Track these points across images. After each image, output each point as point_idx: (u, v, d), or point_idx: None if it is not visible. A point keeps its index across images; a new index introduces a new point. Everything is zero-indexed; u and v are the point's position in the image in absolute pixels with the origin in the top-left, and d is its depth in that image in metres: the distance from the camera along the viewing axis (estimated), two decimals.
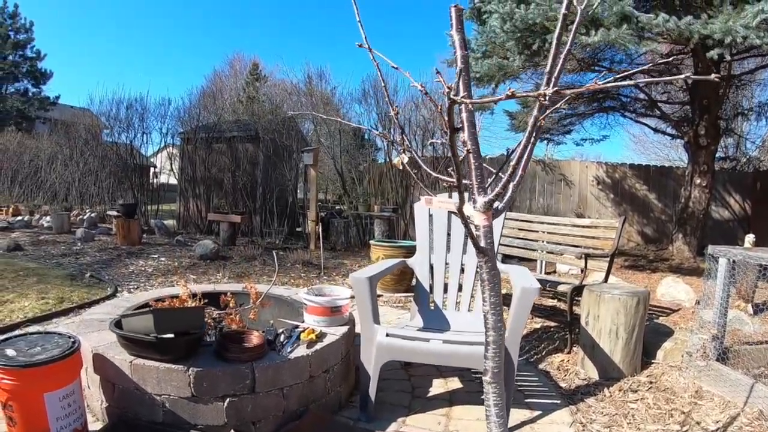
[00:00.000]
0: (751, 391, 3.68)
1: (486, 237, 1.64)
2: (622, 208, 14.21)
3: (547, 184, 14.28)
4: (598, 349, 4.28)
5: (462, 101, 1.23)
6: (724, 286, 4.17)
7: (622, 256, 11.31)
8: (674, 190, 13.41)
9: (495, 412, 1.74)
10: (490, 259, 1.64)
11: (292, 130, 14.21)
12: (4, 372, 2.55)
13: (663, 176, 14.53)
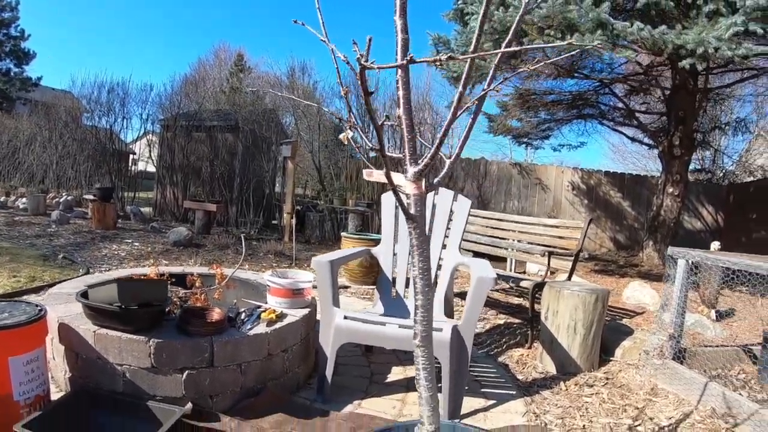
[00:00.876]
0: (705, 390, 3.79)
1: (416, 205, 1.70)
2: (595, 214, 14.41)
3: (523, 188, 14.44)
4: (557, 343, 4.37)
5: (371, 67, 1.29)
6: (682, 287, 4.28)
7: (593, 260, 11.46)
8: (648, 199, 13.62)
9: (424, 375, 1.80)
10: (418, 226, 1.70)
11: (272, 122, 14.30)
12: None
13: (637, 184, 14.77)
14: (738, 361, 4.66)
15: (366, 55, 1.32)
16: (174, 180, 13.89)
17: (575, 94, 12.27)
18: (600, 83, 11.78)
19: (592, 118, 13.44)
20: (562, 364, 4.37)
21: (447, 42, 9.17)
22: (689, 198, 14.64)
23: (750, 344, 4.83)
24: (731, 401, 3.55)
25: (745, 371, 4.44)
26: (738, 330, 5.88)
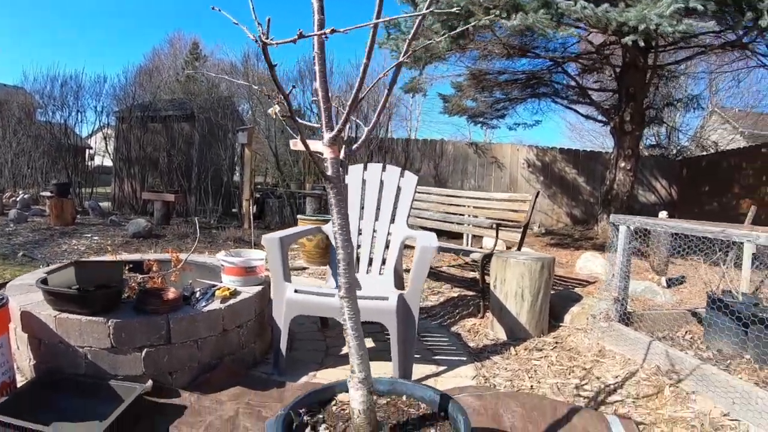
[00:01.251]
0: (649, 349, 3.98)
1: (332, 167, 1.82)
2: (551, 190, 14.70)
3: (479, 167, 14.66)
4: (506, 311, 4.54)
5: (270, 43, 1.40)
6: (624, 252, 4.47)
7: (549, 235, 11.72)
8: (602, 174, 13.89)
9: (350, 326, 1.93)
10: (335, 186, 1.83)
11: (228, 109, 14.26)
12: None
13: (591, 160, 15.09)
14: (685, 323, 4.85)
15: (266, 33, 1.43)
16: (132, 172, 13.82)
17: (529, 73, 12.44)
18: (553, 62, 11.97)
19: (546, 97, 13.66)
20: (511, 331, 4.54)
21: (398, 24, 9.24)
22: (643, 173, 15.01)
23: (697, 308, 5.02)
24: (674, 359, 3.74)
25: (691, 332, 4.62)
26: (688, 295, 6.10)
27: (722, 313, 4.04)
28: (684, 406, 3.24)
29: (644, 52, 9.63)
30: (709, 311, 4.27)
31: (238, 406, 2.90)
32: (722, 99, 21.79)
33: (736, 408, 3.07)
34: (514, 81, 12.75)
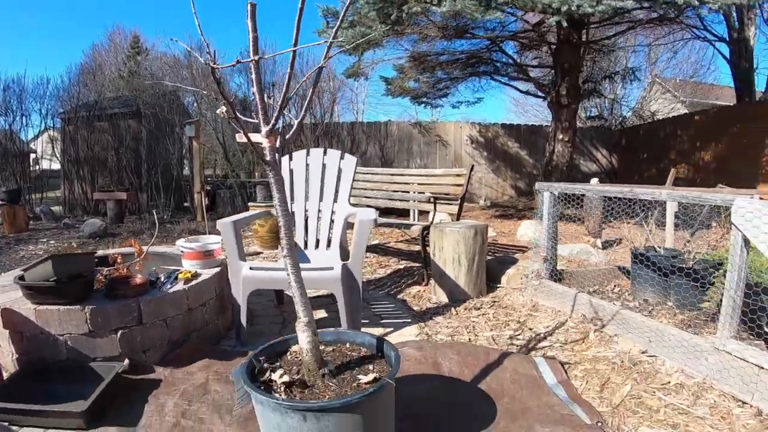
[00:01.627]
0: (576, 301, 4.40)
1: (270, 153, 2.13)
2: (495, 164, 15.21)
3: (424, 145, 15.07)
4: (445, 276, 4.91)
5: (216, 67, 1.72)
6: (549, 215, 4.86)
7: (494, 207, 12.17)
8: (543, 147, 14.37)
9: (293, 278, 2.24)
10: (273, 168, 2.13)
11: (174, 103, 14.26)
12: None
13: (533, 134, 15.61)
14: (614, 278, 5.29)
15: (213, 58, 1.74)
16: (81, 174, 13.66)
17: (468, 53, 12.71)
18: (491, 42, 12.30)
19: (486, 75, 13.89)
20: (452, 293, 4.92)
21: (335, 13, 9.49)
22: (584, 143, 15.59)
23: (626, 265, 5.45)
24: (598, 307, 4.16)
25: (620, 285, 5.05)
26: (621, 255, 6.52)
27: (645, 266, 4.46)
28: (607, 347, 3.66)
29: (577, 29, 10.05)
30: (634, 265, 4.70)
31: (207, 374, 3.19)
32: (662, 70, 22.48)
33: (652, 345, 3.50)
34: (454, 61, 12.98)
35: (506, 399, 2.82)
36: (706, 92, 24.29)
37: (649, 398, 2.88)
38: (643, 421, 2.66)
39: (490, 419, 2.61)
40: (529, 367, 3.21)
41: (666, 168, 13.53)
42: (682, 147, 13.88)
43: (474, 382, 3.04)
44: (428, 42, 11.89)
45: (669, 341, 3.37)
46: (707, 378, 3.02)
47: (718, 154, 12.59)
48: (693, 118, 14.07)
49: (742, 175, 10.91)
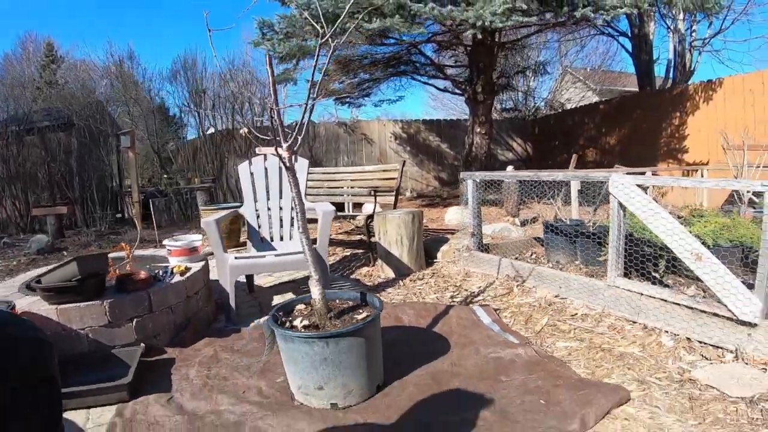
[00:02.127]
0: (500, 265, 5.36)
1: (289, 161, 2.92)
2: (418, 158, 16.18)
3: (351, 144, 15.90)
4: (391, 255, 5.77)
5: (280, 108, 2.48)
6: (474, 198, 5.81)
7: (420, 198, 13.08)
8: (463, 140, 15.31)
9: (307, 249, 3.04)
10: (291, 171, 2.92)
11: (105, 114, 14.19)
12: None
13: (453, 128, 16.64)
14: (531, 247, 6.32)
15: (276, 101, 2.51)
16: (13, 191, 12.80)
17: (390, 55, 13.43)
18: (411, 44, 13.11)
19: (407, 75, 14.65)
20: (398, 269, 5.78)
21: (271, 25, 10.06)
22: (500, 134, 16.70)
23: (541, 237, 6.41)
24: (518, 268, 5.13)
25: (536, 252, 6.06)
26: (536, 230, 7.46)
27: (555, 234, 5.45)
28: (527, 296, 4.62)
29: (491, 33, 11.00)
30: (546, 234, 5.68)
31: (213, 348, 3.88)
32: (572, 61, 23.55)
33: (562, 291, 4.47)
34: (376, 63, 13.68)
35: (455, 336, 3.71)
36: (614, 80, 25.57)
37: (562, 325, 3.85)
38: (558, 339, 3.61)
39: (446, 349, 3.49)
40: (469, 313, 4.12)
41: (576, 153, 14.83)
42: (589, 134, 15.24)
43: (429, 327, 3.92)
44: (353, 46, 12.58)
45: (575, 286, 4.35)
46: (605, 308, 4.00)
47: (621, 138, 13.96)
48: (598, 107, 15.39)
49: (642, 157, 12.24)
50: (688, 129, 11.72)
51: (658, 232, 3.65)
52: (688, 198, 6.94)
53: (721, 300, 3.19)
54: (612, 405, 2.60)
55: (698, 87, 11.50)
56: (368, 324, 2.81)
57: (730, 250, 3.86)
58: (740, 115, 10.21)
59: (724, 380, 2.80)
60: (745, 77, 10.38)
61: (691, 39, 14.98)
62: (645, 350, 3.33)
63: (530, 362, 3.20)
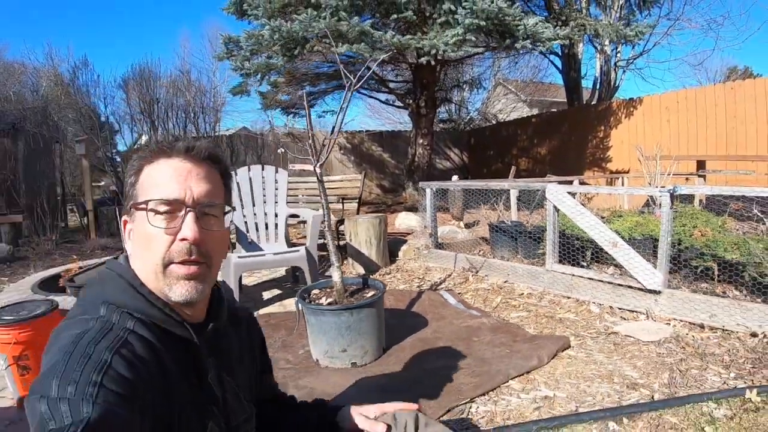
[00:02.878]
0: (456, 259, 6.31)
1: (319, 175, 3.76)
2: (362, 167, 17.00)
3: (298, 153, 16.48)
4: (361, 254, 6.62)
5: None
6: (431, 204, 6.73)
7: (366, 205, 13.87)
8: (404, 150, 16.26)
9: (330, 240, 3.88)
10: (321, 183, 3.77)
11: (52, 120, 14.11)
12: (21, 326, 3.18)
13: (394, 139, 17.62)
14: (478, 245, 7.28)
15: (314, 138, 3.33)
16: None
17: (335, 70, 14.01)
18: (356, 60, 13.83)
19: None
20: (367, 266, 6.63)
21: (237, 41, 10.67)
22: (439, 144, 17.66)
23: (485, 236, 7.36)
24: (472, 260, 6.10)
25: (483, 250, 6.99)
26: (479, 232, 8.41)
27: (499, 233, 6.41)
28: (482, 282, 5.58)
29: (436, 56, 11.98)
30: (492, 233, 6.64)
31: None
32: (505, 74, 24.87)
33: (510, 277, 5.48)
34: (323, 74, 14.41)
35: (430, 314, 4.62)
36: (544, 91, 26.97)
37: (513, 302, 4.84)
38: (511, 312, 4.59)
39: (426, 323, 4.41)
40: (437, 296, 5.08)
41: (509, 162, 15.92)
42: (523, 144, 16.50)
43: (408, 308, 4.83)
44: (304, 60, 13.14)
45: (520, 272, 5.37)
46: (545, 288, 5.02)
47: (552, 149, 15.24)
48: (531, 120, 16.81)
49: (571, 165, 13.55)
50: (612, 141, 13.03)
51: (583, 228, 4.67)
52: (612, 201, 8.04)
53: (633, 275, 4.23)
54: (558, 349, 3.55)
55: (621, 104, 12.84)
56: (378, 299, 3.68)
57: (642, 242, 4.87)
58: (657, 128, 11.59)
59: (638, 331, 3.80)
60: (662, 96, 11.76)
61: (616, 59, 16.28)
62: (578, 316, 4.33)
63: (493, 327, 4.16)
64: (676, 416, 2.64)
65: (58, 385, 0.91)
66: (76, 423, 0.85)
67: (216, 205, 1.26)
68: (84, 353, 0.98)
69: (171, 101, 16.02)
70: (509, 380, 3.19)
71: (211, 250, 1.24)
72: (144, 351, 1.08)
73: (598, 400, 2.90)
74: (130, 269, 1.24)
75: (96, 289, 1.24)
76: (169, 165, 1.24)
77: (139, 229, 1.21)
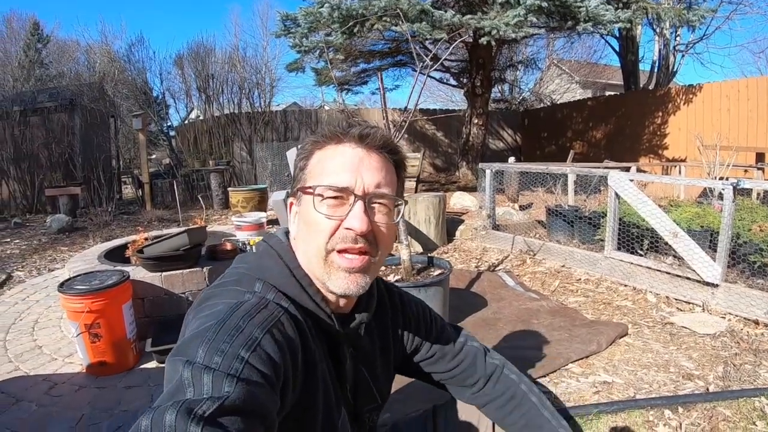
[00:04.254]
0: (514, 241, 6.44)
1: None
2: (415, 145, 17.05)
3: None
4: (420, 233, 6.77)
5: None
6: (490, 185, 6.83)
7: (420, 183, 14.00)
8: (457, 129, 16.38)
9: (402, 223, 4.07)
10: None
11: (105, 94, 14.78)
12: (95, 296, 3.34)
13: (448, 118, 17.51)
14: (534, 228, 7.34)
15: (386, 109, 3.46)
16: (19, 171, 12.62)
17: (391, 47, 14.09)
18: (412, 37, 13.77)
19: (405, 65, 15.50)
20: (425, 245, 6.78)
21: (295, 18, 10.76)
22: (492, 125, 17.57)
23: (541, 219, 7.46)
24: (529, 243, 6.22)
25: (539, 233, 7.06)
26: (535, 214, 8.45)
27: (556, 217, 6.49)
28: (539, 265, 5.71)
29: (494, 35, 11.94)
30: (548, 217, 6.73)
31: None
32: (559, 53, 24.23)
33: (567, 262, 5.59)
34: (376, 52, 14.41)
35: (489, 295, 4.78)
36: (599, 73, 26.34)
37: (570, 286, 4.97)
38: (569, 296, 4.71)
39: (485, 303, 4.57)
40: (496, 277, 5.23)
41: (564, 145, 15.86)
42: (577, 127, 16.36)
43: (467, 287, 4.99)
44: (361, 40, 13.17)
45: (578, 258, 5.47)
46: (603, 275, 5.12)
47: (607, 133, 15.11)
48: (587, 103, 16.57)
49: (626, 151, 13.50)
50: (669, 128, 12.86)
51: (644, 216, 4.74)
52: (667, 190, 8.03)
53: (691, 267, 4.30)
54: (616, 335, 3.68)
55: (680, 90, 12.65)
56: (445, 278, 3.83)
57: (700, 233, 4.92)
58: (716, 117, 11.41)
59: (694, 323, 3.89)
60: (723, 84, 11.56)
61: (675, 43, 16.01)
62: (635, 304, 4.44)
63: (552, 310, 4.30)
64: (729, 409, 2.74)
65: (206, 352, 0.92)
66: (213, 399, 0.84)
67: (387, 197, 1.21)
68: (236, 326, 0.98)
69: (225, 77, 16.21)
70: (569, 364, 3.33)
71: (379, 242, 1.20)
72: (294, 333, 1.09)
73: (654, 388, 3.02)
74: (289, 250, 1.26)
75: (253, 263, 1.27)
76: (341, 152, 1.21)
77: (304, 213, 1.21)
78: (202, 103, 16.13)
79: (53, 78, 20.52)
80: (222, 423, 0.81)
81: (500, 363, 1.67)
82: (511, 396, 1.60)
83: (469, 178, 13.49)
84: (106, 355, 3.47)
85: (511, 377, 1.63)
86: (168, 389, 0.89)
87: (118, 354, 3.53)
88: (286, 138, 15.61)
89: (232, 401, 0.84)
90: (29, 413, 3.01)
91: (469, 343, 1.69)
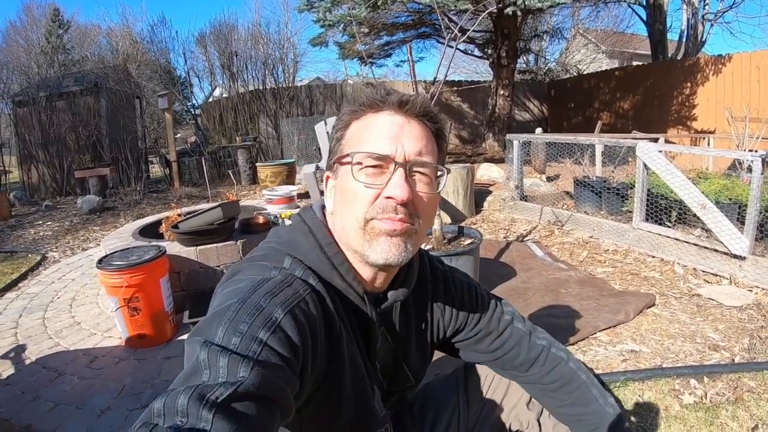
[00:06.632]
0: (542, 212, 6.53)
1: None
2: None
3: None
4: (448, 204, 6.84)
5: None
6: (518, 156, 6.87)
7: (446, 155, 14.01)
8: (483, 100, 16.42)
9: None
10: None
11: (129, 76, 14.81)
12: (133, 271, 3.46)
13: (473, 89, 17.46)
14: (562, 199, 7.38)
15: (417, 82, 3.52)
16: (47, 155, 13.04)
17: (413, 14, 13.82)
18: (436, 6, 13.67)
19: (429, 37, 15.41)
20: (454, 216, 6.87)
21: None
22: (518, 95, 17.45)
23: (569, 191, 7.50)
24: (558, 214, 6.29)
25: (567, 204, 7.10)
26: (562, 185, 8.46)
27: (584, 188, 6.52)
28: (567, 236, 5.78)
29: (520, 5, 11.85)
30: (576, 188, 6.76)
31: None
32: (585, 22, 24.10)
33: (595, 232, 5.65)
34: (399, 24, 14.34)
35: (517, 264, 4.86)
36: (626, 42, 25.86)
37: (599, 257, 5.03)
38: (597, 267, 4.79)
39: (514, 273, 4.66)
40: (524, 248, 5.32)
41: (590, 116, 15.75)
42: (604, 98, 16.19)
43: (496, 258, 5.08)
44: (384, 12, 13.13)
45: (606, 228, 5.52)
46: (630, 246, 5.18)
47: (634, 104, 14.95)
48: (614, 73, 16.35)
49: (653, 121, 13.37)
50: (698, 99, 12.69)
51: (673, 187, 4.75)
52: (695, 162, 7.99)
53: (719, 239, 4.33)
54: (644, 305, 3.75)
55: (709, 60, 12.44)
56: (476, 247, 3.90)
57: (729, 206, 4.91)
58: (746, 88, 11.26)
59: (721, 295, 3.94)
60: (753, 54, 11.37)
61: (704, 12, 15.71)
62: (663, 275, 4.50)
63: (580, 280, 4.39)
64: (754, 380, 2.80)
65: (225, 332, 0.90)
66: (227, 385, 0.81)
67: (428, 165, 1.15)
68: (257, 305, 0.96)
69: (249, 53, 16.25)
70: (597, 332, 3.41)
71: (420, 213, 1.14)
72: (318, 312, 1.05)
73: (680, 358, 3.09)
74: (323, 226, 1.22)
75: (284, 237, 1.23)
76: (381, 120, 1.16)
77: (342, 184, 1.16)
78: (226, 80, 16.20)
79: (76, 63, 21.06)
80: (235, 408, 0.80)
81: (547, 343, 1.59)
82: (560, 376, 1.53)
83: (496, 149, 13.50)
84: (145, 327, 3.63)
85: (560, 355, 1.57)
86: (184, 371, 0.87)
87: (157, 326, 3.69)
88: (312, 112, 15.61)
89: (247, 387, 0.82)
90: (72, 386, 3.16)
91: (515, 323, 1.59)
